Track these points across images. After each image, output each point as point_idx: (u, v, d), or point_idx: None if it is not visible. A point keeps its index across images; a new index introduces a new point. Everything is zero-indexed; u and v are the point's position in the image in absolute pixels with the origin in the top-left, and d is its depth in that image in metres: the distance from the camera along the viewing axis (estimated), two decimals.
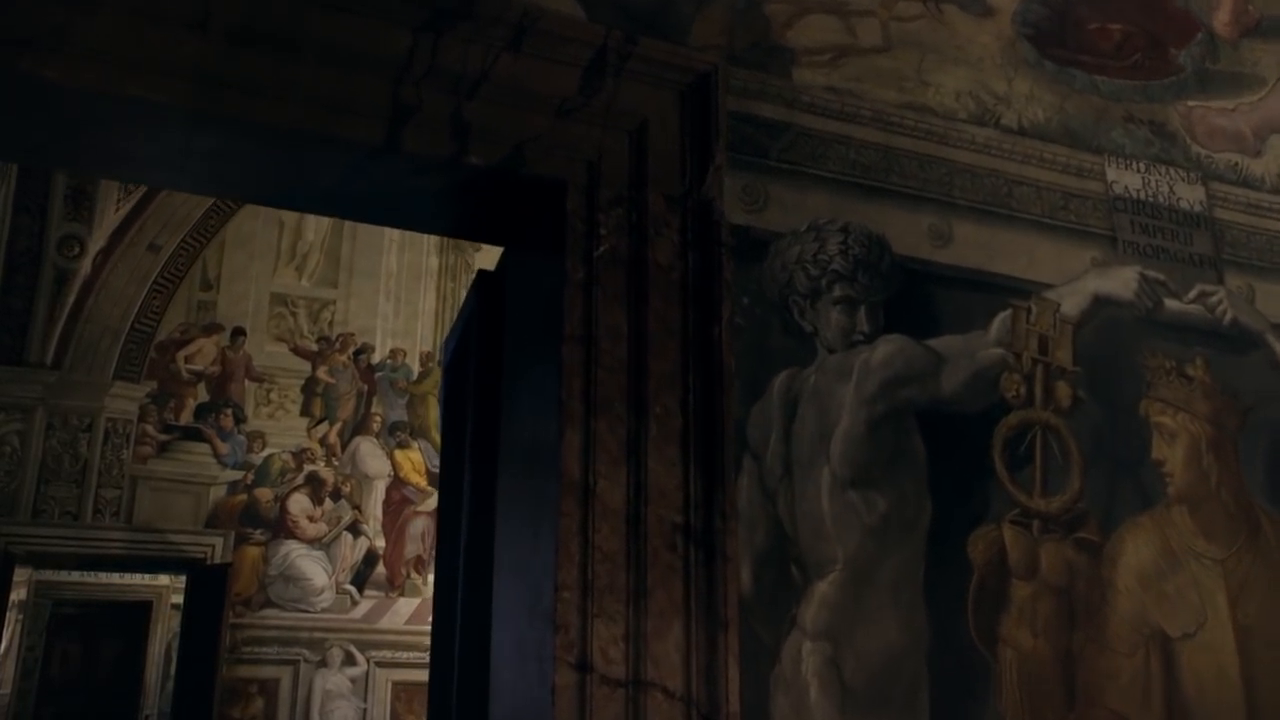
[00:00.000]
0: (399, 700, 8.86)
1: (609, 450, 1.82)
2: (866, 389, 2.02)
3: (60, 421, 8.45)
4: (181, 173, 1.91)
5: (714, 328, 1.92)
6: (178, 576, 13.20)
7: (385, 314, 9.69)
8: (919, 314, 2.13)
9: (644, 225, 1.95)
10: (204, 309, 9.15)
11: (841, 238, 2.09)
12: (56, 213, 8.50)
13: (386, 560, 9.11)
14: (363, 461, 9.25)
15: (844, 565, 1.91)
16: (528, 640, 1.83)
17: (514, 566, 1.96)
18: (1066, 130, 2.40)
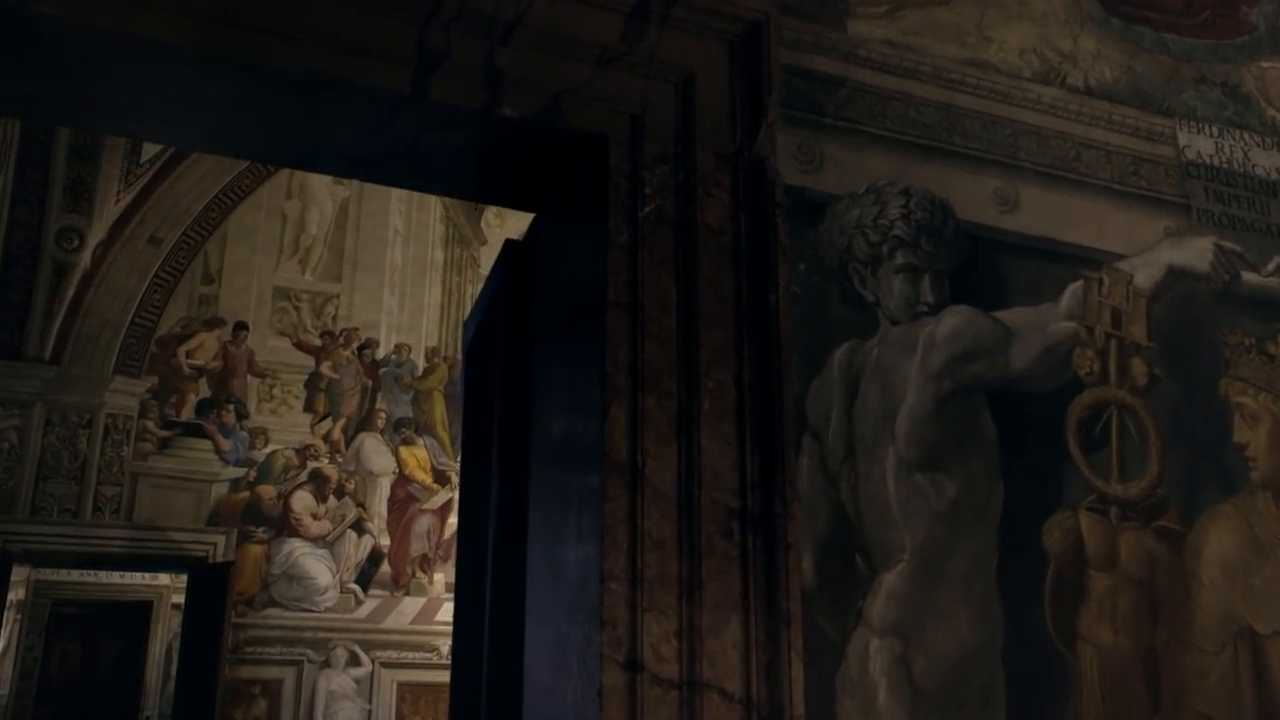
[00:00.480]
0: (404, 701, 8.70)
1: (658, 428, 1.66)
2: (932, 364, 1.86)
3: (59, 417, 8.30)
4: (188, 127, 1.75)
5: (770, 295, 1.76)
6: (179, 576, 13.09)
7: (390, 308, 9.53)
8: (986, 284, 1.97)
9: (692, 184, 1.79)
10: (205, 303, 8.99)
11: (903, 201, 1.93)
12: (55, 204, 8.34)
13: (391, 559, 8.96)
14: (367, 458, 9.09)
15: (912, 555, 1.75)
16: (569, 638, 1.66)
17: (551, 558, 1.79)
18: (1135, 91, 2.24)
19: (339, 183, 9.66)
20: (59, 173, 8.32)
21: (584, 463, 1.69)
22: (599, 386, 1.66)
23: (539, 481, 1.91)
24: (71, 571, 12.91)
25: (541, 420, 1.93)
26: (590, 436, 1.67)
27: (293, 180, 9.50)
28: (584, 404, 1.72)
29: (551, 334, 1.94)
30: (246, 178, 9.26)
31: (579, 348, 1.77)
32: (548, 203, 1.94)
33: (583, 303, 1.78)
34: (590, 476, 1.65)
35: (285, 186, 9.46)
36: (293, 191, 9.48)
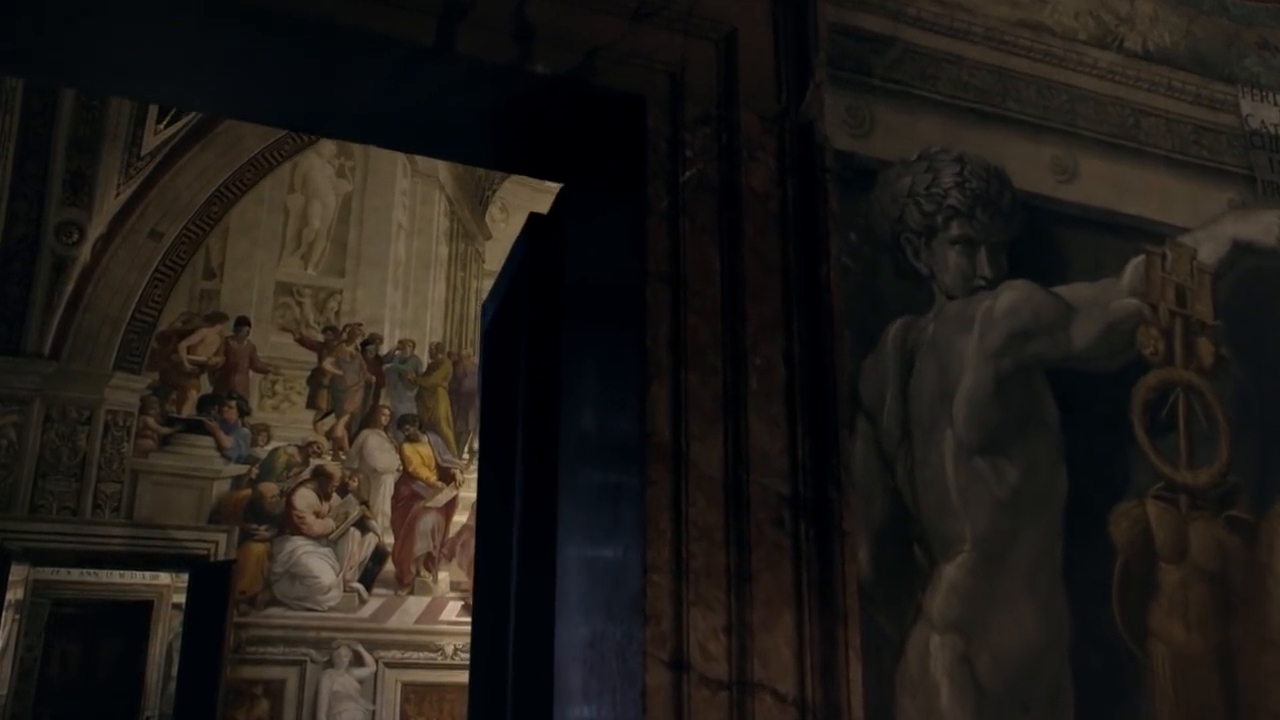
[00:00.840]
0: (408, 702, 8.57)
1: (702, 407, 1.53)
2: (991, 342, 1.74)
3: (58, 414, 8.17)
4: (193, 85, 1.62)
5: (821, 267, 1.64)
6: (179, 575, 12.98)
7: (393, 304, 9.40)
8: (1045, 257, 1.84)
9: (736, 148, 1.67)
10: (207, 298, 8.86)
11: (957, 169, 1.81)
12: (55, 198, 8.22)
13: (395, 557, 8.83)
14: (371, 456, 8.96)
15: (973, 545, 1.62)
16: (606, 635, 1.54)
17: (585, 550, 1.67)
18: (1195, 56, 2.11)
19: (342, 176, 9.54)
20: (58, 166, 8.19)
21: (622, 447, 1.57)
22: (638, 363, 1.53)
23: (570, 469, 1.78)
24: (71, 571, 12.80)
25: (572, 403, 1.81)
26: (628, 418, 1.55)
27: (295, 174, 9.37)
28: (621, 383, 1.59)
29: (583, 311, 1.82)
30: (248, 171, 9.14)
31: (615, 324, 1.64)
32: (579, 169, 1.81)
33: (618, 275, 1.65)
34: (629, 462, 1.53)
35: (287, 180, 9.34)
36: (295, 185, 9.36)
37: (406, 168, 9.74)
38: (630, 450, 1.53)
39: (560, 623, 1.72)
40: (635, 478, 1.50)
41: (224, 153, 8.98)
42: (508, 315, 2.21)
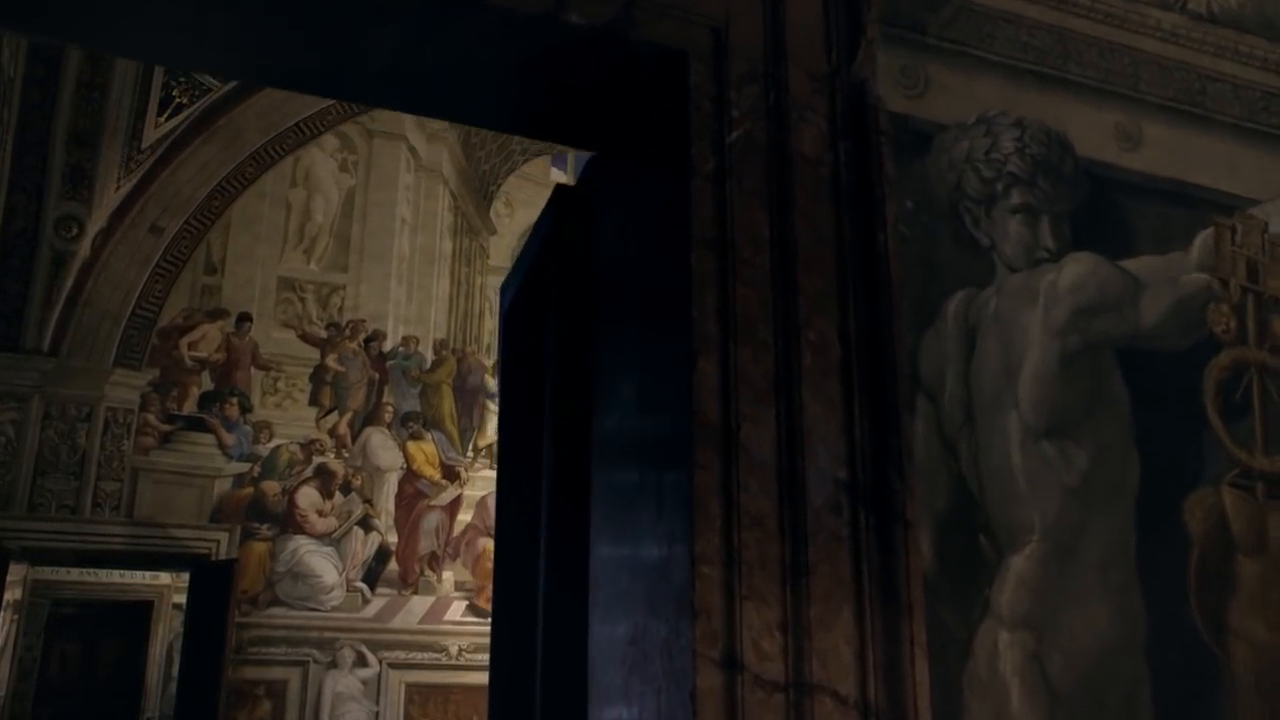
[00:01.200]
0: (412, 703, 8.45)
1: (753, 385, 1.41)
2: (1055, 318, 1.62)
3: (58, 411, 8.05)
4: (192, 36, 1.50)
5: (878, 235, 1.52)
6: (180, 574, 12.88)
7: (397, 299, 9.27)
8: (1109, 228, 1.72)
9: (784, 108, 1.55)
10: (208, 294, 8.74)
11: (1017, 133, 1.69)
12: (54, 191, 8.09)
13: (399, 556, 8.70)
14: (374, 453, 8.84)
15: (1042, 535, 1.50)
16: (649, 633, 1.41)
17: (624, 542, 1.55)
18: (1263, 19, 1.99)
19: (344, 170, 9.42)
20: (57, 159, 8.07)
21: (665, 430, 1.44)
22: (683, 338, 1.41)
23: (605, 456, 1.66)
24: (71, 570, 12.71)
25: (608, 386, 1.68)
26: (674, 399, 1.43)
27: (297, 168, 9.25)
28: (664, 361, 1.47)
29: (619, 286, 1.69)
30: (250, 165, 9.02)
31: (656, 297, 1.52)
32: (613, 131, 1.69)
33: (659, 245, 1.53)
34: (674, 446, 1.41)
35: (290, 174, 9.22)
36: (297, 179, 9.23)
37: (410, 162, 9.62)
38: (675, 434, 1.41)
39: (595, 620, 1.60)
40: (681, 463, 1.38)
41: (225, 146, 8.86)
42: (530, 296, 2.09)
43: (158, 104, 8.37)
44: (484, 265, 9.75)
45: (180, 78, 8.42)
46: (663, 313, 1.49)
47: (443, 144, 9.72)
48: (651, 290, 1.55)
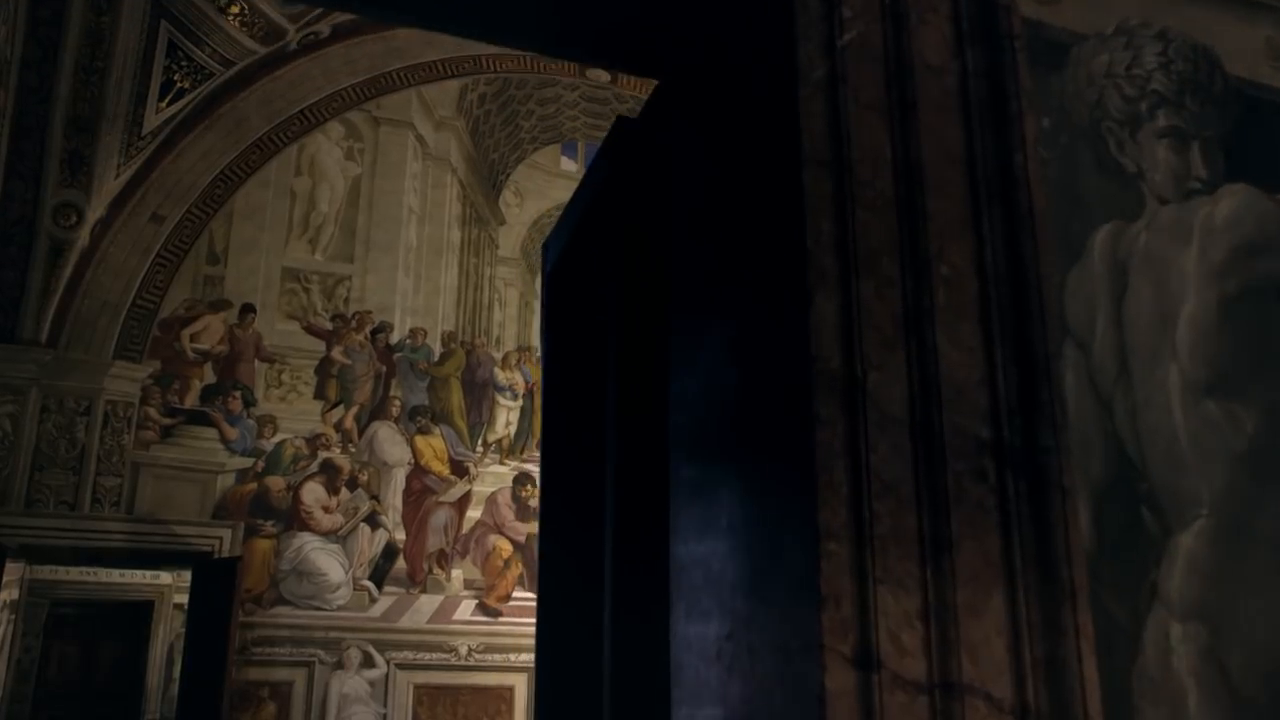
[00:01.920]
0: (421, 705, 8.21)
1: (879, 327, 1.18)
2: (1213, 257, 1.39)
3: (56, 404, 7.81)
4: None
5: (1015, 155, 1.28)
6: (181, 574, 12.68)
7: (404, 291, 9.04)
8: (1265, 157, 1.49)
9: (902, 8, 1.31)
10: (210, 284, 8.51)
11: (1160, 47, 1.46)
12: (52, 178, 7.86)
13: (407, 554, 8.47)
14: (381, 448, 8.60)
15: (1211, 509, 1.27)
16: (760, 622, 1.18)
17: (713, 520, 1.31)
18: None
19: (350, 158, 9.19)
20: (55, 145, 7.83)
21: (773, 381, 1.21)
22: (796, 271, 1.17)
23: (688, 420, 1.42)
24: (70, 570, 12.52)
25: (689, 339, 1.44)
26: (782, 343, 1.19)
27: (302, 156, 9.02)
28: (768, 301, 1.23)
29: (701, 222, 1.46)
30: (253, 153, 8.79)
31: (753, 228, 1.28)
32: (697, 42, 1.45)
33: (757, 168, 1.30)
34: (786, 398, 1.17)
35: (294, 163, 8.99)
36: (302, 168, 9.00)
37: (417, 150, 9.39)
38: (788, 385, 1.17)
39: (679, 612, 1.36)
40: (797, 420, 1.14)
41: (228, 134, 8.64)
42: (583, 250, 1.85)
43: (159, 89, 8.14)
44: (493, 256, 9.52)
45: (182, 61, 8.20)
46: (764, 247, 1.26)
47: (451, 132, 9.49)
48: (748, 222, 1.31)
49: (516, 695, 8.43)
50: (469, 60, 9.42)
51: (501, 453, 9.03)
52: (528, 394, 9.23)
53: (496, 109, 9.69)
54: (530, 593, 8.65)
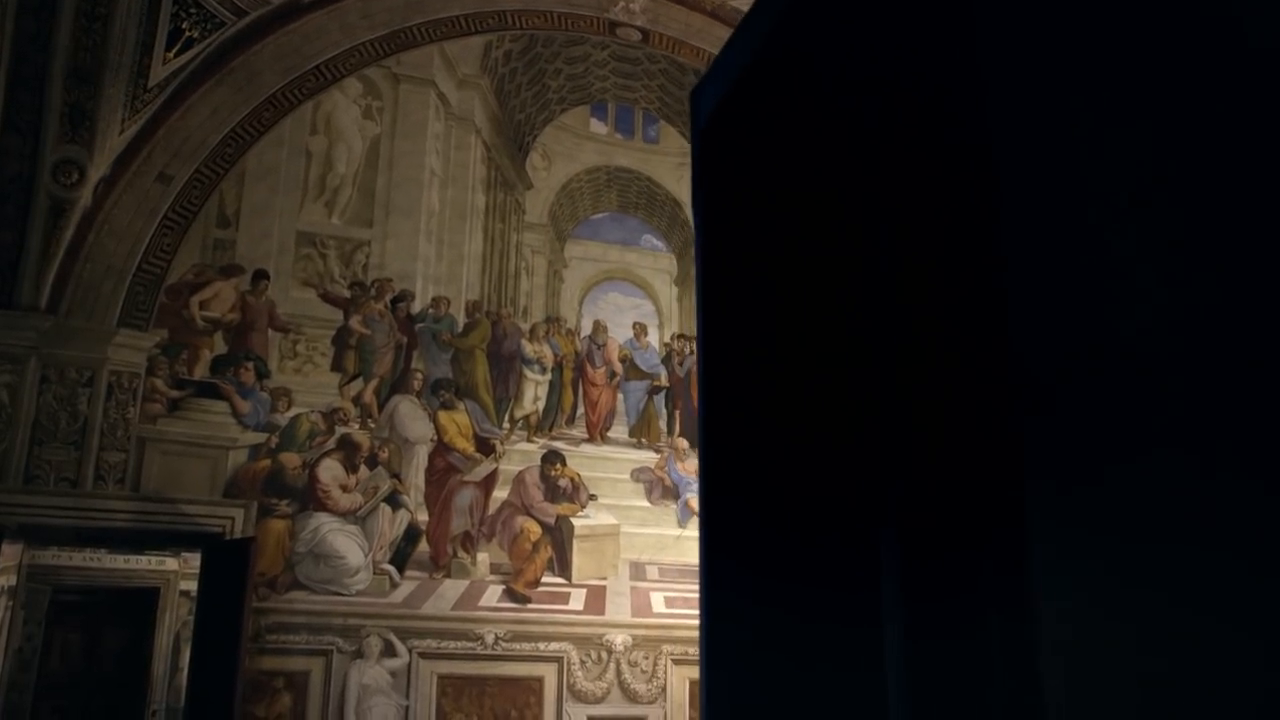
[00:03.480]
0: (445, 696, 7.72)
1: None
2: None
3: (56, 374, 7.31)
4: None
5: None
6: (188, 560, 12.30)
7: (426, 257, 8.52)
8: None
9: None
10: (221, 248, 8.00)
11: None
12: (51, 133, 7.34)
13: (430, 536, 7.97)
14: (402, 424, 8.10)
15: None
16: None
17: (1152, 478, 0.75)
18: None
19: (369, 117, 8.66)
20: (55, 97, 7.32)
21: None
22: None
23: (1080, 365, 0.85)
24: (73, 555, 12.23)
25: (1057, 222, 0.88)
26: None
27: (317, 114, 8.50)
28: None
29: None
30: (266, 110, 8.27)
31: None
32: None
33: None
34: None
35: (309, 121, 8.47)
36: (318, 126, 8.48)
37: (439, 110, 8.86)
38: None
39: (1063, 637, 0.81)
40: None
41: (239, 89, 8.12)
42: (764, 85, 1.31)
43: (166, 38, 7.63)
44: (519, 222, 8.99)
45: (190, 9, 7.67)
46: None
47: (474, 91, 8.96)
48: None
49: (546, 686, 7.94)
50: (493, 16, 8.90)
51: (529, 429, 8.52)
52: (556, 368, 8.72)
53: (522, 67, 9.16)
54: (560, 577, 8.15)
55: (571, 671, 8.01)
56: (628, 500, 8.60)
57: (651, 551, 8.59)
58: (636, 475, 8.72)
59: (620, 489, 8.61)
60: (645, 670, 8.24)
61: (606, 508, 8.49)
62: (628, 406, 8.88)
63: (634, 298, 9.19)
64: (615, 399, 8.86)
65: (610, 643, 8.15)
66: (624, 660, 8.18)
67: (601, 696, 8.06)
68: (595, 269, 9.16)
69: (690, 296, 9.38)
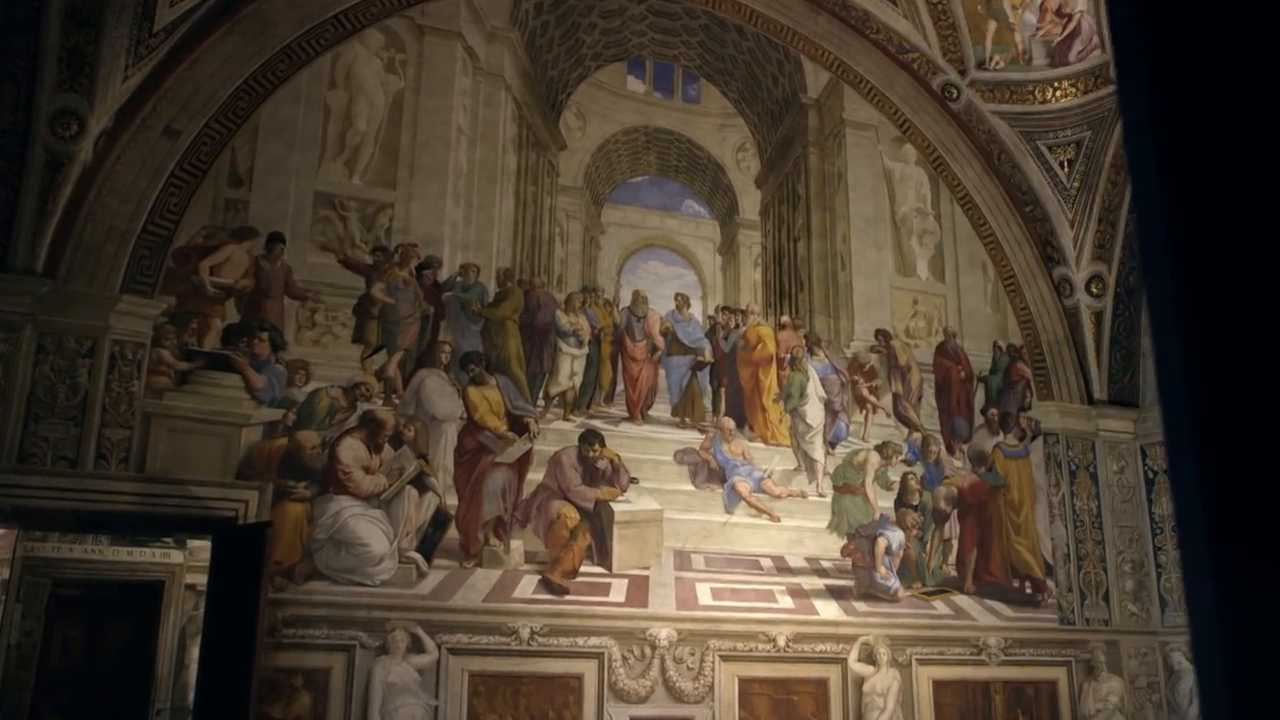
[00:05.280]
0: (477, 695, 7.09)
1: None
2: None
3: (54, 343, 6.68)
4: None
5: None
6: (193, 553, 11.73)
7: (454, 221, 7.88)
8: None
9: None
10: (233, 209, 7.36)
11: None
12: (49, 80, 6.71)
13: (459, 522, 7.34)
14: (429, 400, 7.46)
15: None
16: None
17: None
18: None
19: (391, 71, 8.03)
20: (52, 40, 6.68)
21: None
22: None
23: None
24: (73, 547, 11.77)
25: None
26: None
27: (337, 66, 7.87)
28: None
29: None
30: (281, 62, 7.63)
31: None
32: None
33: None
34: None
35: (328, 74, 7.83)
36: (337, 80, 7.85)
37: (467, 64, 8.22)
38: None
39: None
40: None
41: (252, 39, 7.50)
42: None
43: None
44: (553, 184, 8.35)
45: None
46: None
47: (504, 44, 8.32)
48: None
49: (586, 685, 7.31)
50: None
51: (565, 407, 7.89)
52: (593, 341, 8.08)
53: (555, 20, 8.51)
54: (600, 567, 7.52)
55: (613, 669, 7.38)
56: (671, 484, 7.97)
57: (697, 539, 7.95)
58: (680, 457, 8.08)
59: (663, 472, 7.97)
60: (691, 667, 7.61)
61: (648, 492, 7.86)
62: (670, 383, 8.25)
63: (675, 267, 8.54)
64: (656, 375, 8.22)
65: (654, 637, 7.52)
66: (669, 656, 7.55)
67: (645, 696, 7.42)
68: (634, 236, 8.51)
69: (735, 266, 8.74)
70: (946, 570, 8.69)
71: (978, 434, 9.19)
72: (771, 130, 9.17)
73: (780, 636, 7.87)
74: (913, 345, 9.20)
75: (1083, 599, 9.06)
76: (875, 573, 8.34)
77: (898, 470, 8.73)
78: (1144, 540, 9.40)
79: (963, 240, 9.67)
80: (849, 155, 9.37)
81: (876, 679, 8.03)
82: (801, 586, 8.09)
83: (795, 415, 8.54)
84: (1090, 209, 9.48)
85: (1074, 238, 9.57)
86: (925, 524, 8.68)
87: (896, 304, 9.24)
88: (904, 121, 9.62)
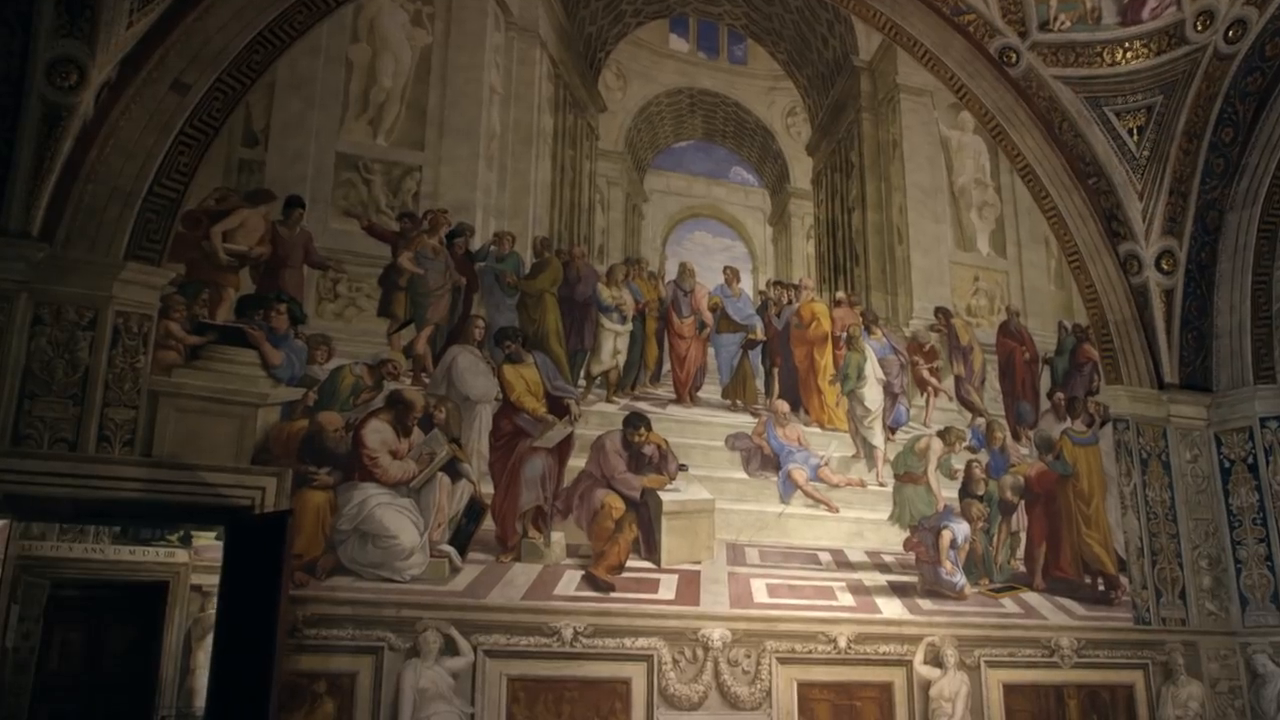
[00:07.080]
0: (516, 702, 6.46)
1: None
2: None
3: (52, 314, 6.07)
4: None
5: None
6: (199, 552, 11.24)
7: (486, 186, 7.27)
8: None
9: None
10: (248, 171, 6.75)
11: None
12: (45, 24, 6.09)
13: (496, 512, 6.73)
14: (461, 379, 6.85)
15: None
16: None
17: None
18: None
19: (418, 24, 7.43)
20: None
21: None
22: None
23: None
24: (73, 546, 11.48)
25: None
26: None
27: (359, 18, 7.27)
28: None
29: None
30: (300, 12, 7.04)
31: None
32: None
33: None
34: None
35: (350, 26, 7.23)
36: (360, 33, 7.25)
37: (499, 19, 7.62)
38: None
39: None
40: None
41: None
42: None
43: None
44: (593, 148, 7.74)
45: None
46: None
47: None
48: None
49: (634, 690, 6.70)
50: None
51: (608, 388, 7.27)
52: (638, 317, 7.48)
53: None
54: (647, 561, 6.92)
55: (663, 672, 6.76)
56: (722, 471, 7.35)
57: (751, 531, 7.33)
58: (731, 442, 7.47)
59: (713, 458, 7.35)
60: (747, 671, 6.99)
61: (698, 480, 7.23)
62: (720, 363, 7.64)
63: (724, 238, 7.92)
64: (705, 354, 7.61)
65: (706, 638, 6.90)
66: (722, 659, 6.93)
67: (698, 702, 6.80)
68: (679, 204, 7.90)
69: (786, 238, 8.12)
70: (1015, 565, 8.08)
71: (1044, 419, 8.58)
72: (823, 94, 8.56)
73: (841, 637, 7.24)
74: (974, 324, 8.60)
75: (1158, 597, 8.44)
76: (940, 568, 7.72)
77: (961, 458, 8.12)
78: (1221, 534, 8.78)
79: (1024, 213, 9.08)
80: (904, 122, 8.77)
81: (944, 683, 7.41)
82: (862, 583, 7.47)
83: (852, 398, 7.93)
84: (1161, 180, 8.87)
85: (1143, 211, 8.97)
86: (991, 515, 8.07)
87: (956, 280, 8.64)
88: (960, 87, 9.02)
